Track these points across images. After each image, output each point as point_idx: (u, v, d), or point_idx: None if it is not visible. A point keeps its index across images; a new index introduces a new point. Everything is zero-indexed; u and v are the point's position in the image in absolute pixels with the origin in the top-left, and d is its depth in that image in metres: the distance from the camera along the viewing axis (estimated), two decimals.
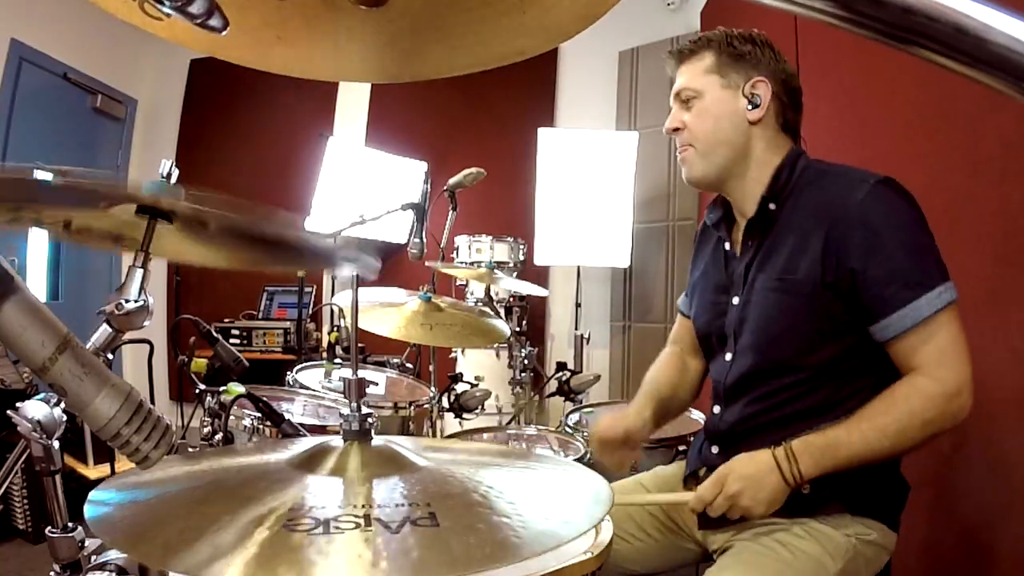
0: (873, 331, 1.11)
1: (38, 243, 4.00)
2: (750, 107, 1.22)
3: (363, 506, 0.58)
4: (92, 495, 0.61)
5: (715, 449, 1.29)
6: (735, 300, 1.27)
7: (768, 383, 1.21)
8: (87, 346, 0.76)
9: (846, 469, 1.08)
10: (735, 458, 1.15)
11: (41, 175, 0.61)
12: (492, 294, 2.95)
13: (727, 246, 1.32)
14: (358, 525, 0.55)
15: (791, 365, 1.18)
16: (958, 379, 1.06)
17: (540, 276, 3.84)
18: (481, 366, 2.95)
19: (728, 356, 1.28)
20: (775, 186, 1.22)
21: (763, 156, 1.24)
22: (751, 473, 1.10)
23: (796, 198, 1.20)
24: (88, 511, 0.59)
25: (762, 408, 1.22)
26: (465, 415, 1.96)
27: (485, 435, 1.89)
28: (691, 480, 1.36)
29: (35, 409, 0.84)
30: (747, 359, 1.23)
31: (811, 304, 1.14)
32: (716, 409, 1.31)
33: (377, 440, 0.70)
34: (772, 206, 1.22)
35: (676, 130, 1.27)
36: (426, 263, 2.26)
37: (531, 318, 3.62)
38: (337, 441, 0.70)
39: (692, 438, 1.74)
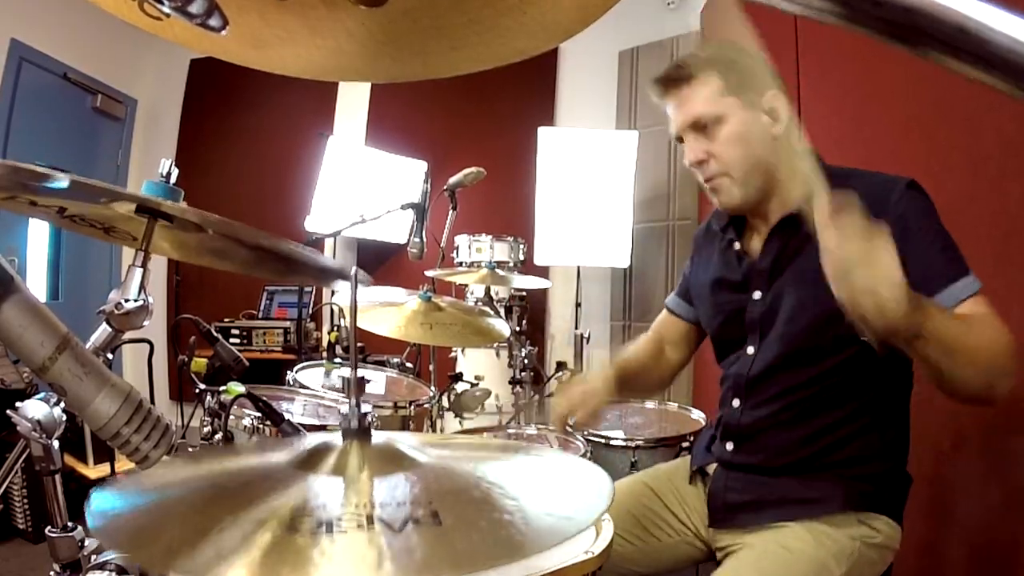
0: None
1: (38, 243, 4.00)
2: (772, 122, 1.19)
3: (365, 505, 0.58)
4: (93, 499, 0.61)
5: (729, 446, 1.28)
6: (756, 295, 1.26)
7: (793, 376, 1.20)
8: (87, 346, 0.76)
9: (926, 337, 0.93)
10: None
11: (55, 178, 0.61)
12: (492, 294, 2.95)
13: (737, 246, 1.31)
14: (361, 525, 0.55)
15: (819, 357, 1.17)
16: (1007, 345, 1.00)
17: (540, 276, 3.84)
18: (481, 366, 2.94)
19: (751, 349, 1.27)
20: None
21: (788, 164, 1.22)
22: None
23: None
24: (89, 515, 0.59)
25: (786, 403, 1.21)
26: (465, 415, 1.96)
27: (485, 435, 1.89)
28: (696, 476, 1.36)
29: (35, 409, 0.84)
30: (775, 349, 1.22)
31: None
32: (736, 403, 1.29)
33: (377, 437, 0.70)
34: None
35: (701, 162, 1.22)
36: (425, 272, 2.26)
37: (531, 318, 3.61)
38: (336, 439, 0.70)
39: (692, 437, 1.75)
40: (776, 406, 1.22)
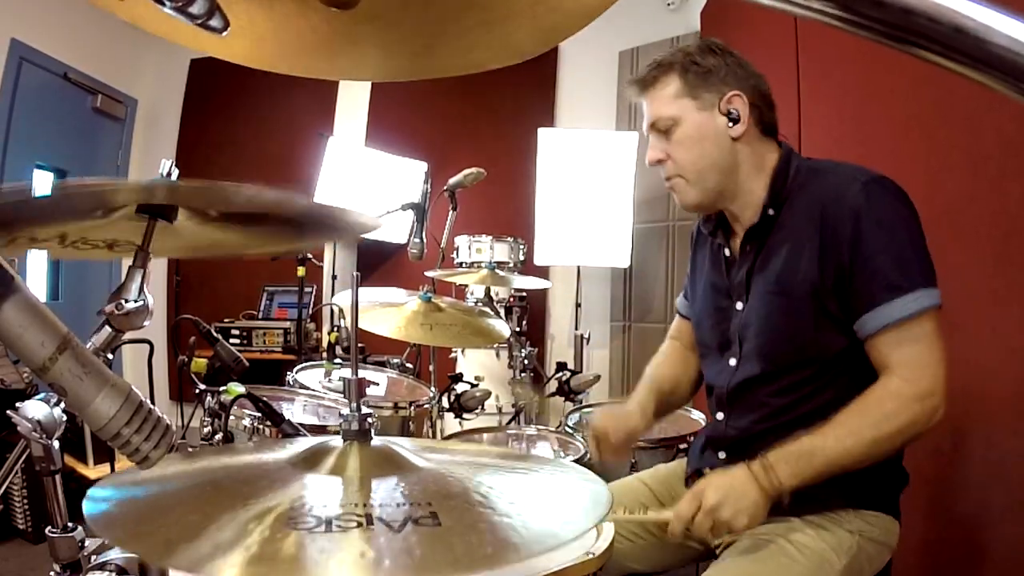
0: (855, 329, 1.12)
1: None
2: (730, 124, 1.19)
3: (364, 505, 0.58)
4: (91, 492, 0.61)
5: (722, 455, 1.29)
6: (739, 306, 1.27)
7: (773, 385, 1.21)
8: (87, 346, 0.76)
9: (826, 476, 1.07)
10: (710, 474, 1.15)
11: (40, 187, 0.62)
12: (492, 294, 2.95)
13: (726, 252, 1.32)
14: (360, 524, 0.55)
15: (796, 366, 1.18)
16: (931, 381, 1.06)
17: (540, 276, 3.84)
18: (481, 366, 2.94)
19: (732, 361, 1.28)
20: (773, 192, 1.21)
21: (752, 166, 1.23)
22: (727, 485, 1.08)
23: (792, 201, 1.20)
24: (87, 508, 0.59)
25: (770, 412, 1.21)
26: (465, 415, 1.96)
27: (485, 435, 1.89)
28: (694, 479, 1.36)
29: (35, 409, 0.84)
30: (752, 364, 1.23)
31: (811, 305, 1.14)
32: (720, 416, 1.31)
33: (376, 440, 0.70)
34: (771, 212, 1.21)
35: (660, 161, 1.24)
36: (425, 272, 2.26)
37: (531, 318, 3.62)
38: (336, 441, 0.70)
39: (692, 438, 1.75)
40: (759, 416, 1.23)
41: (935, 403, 1.06)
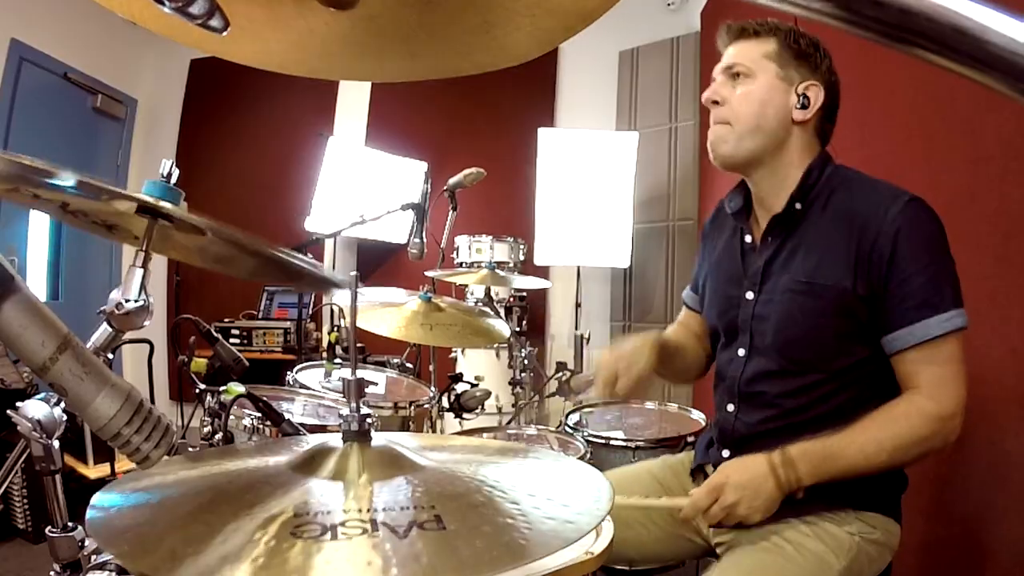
0: (883, 342, 1.13)
1: (38, 243, 4.00)
2: (799, 106, 1.22)
3: (368, 510, 0.58)
4: (94, 500, 0.61)
5: (726, 453, 1.29)
6: (749, 295, 1.27)
7: (787, 383, 1.21)
8: (87, 346, 0.76)
9: (841, 479, 1.10)
10: (729, 464, 1.16)
11: (61, 175, 0.62)
12: (492, 294, 2.95)
13: (747, 239, 1.31)
14: (365, 530, 0.54)
15: (813, 367, 1.18)
16: (955, 403, 1.09)
17: (540, 276, 3.84)
18: (481, 366, 2.94)
19: (741, 352, 1.28)
20: (804, 186, 1.22)
21: (797, 157, 1.24)
22: (746, 482, 1.11)
23: (823, 202, 1.21)
24: (90, 521, 0.58)
25: (781, 411, 1.21)
26: (465, 415, 1.96)
27: (485, 435, 1.89)
28: (698, 473, 1.37)
29: (35, 409, 0.84)
30: (767, 359, 1.23)
31: (837, 309, 1.15)
32: (730, 408, 1.30)
33: (377, 439, 0.70)
34: (799, 206, 1.22)
35: (716, 103, 1.25)
36: (425, 272, 2.26)
37: (531, 318, 3.62)
38: (336, 441, 0.69)
39: (692, 438, 1.75)
40: (769, 413, 1.23)
41: (955, 425, 1.10)
